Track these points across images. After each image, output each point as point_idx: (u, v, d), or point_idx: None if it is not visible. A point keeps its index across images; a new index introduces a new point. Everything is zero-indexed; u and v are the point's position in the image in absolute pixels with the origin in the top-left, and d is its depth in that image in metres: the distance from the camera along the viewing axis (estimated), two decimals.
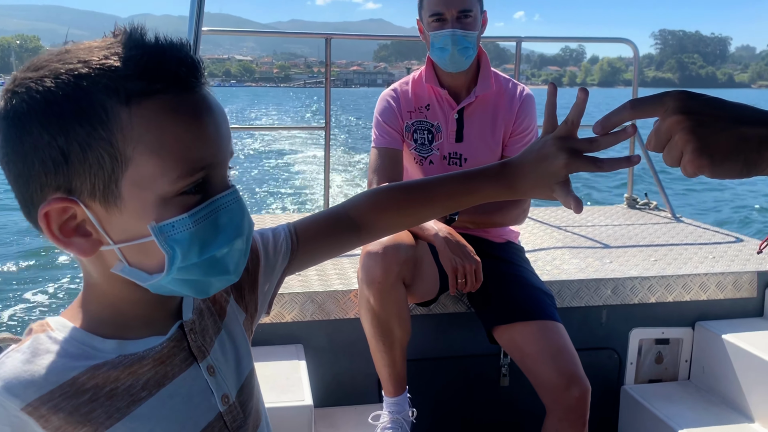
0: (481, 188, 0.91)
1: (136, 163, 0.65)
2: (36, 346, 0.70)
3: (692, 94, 0.75)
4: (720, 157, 0.73)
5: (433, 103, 2.20)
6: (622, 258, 2.70)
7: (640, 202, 3.82)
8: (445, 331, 2.34)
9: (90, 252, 0.69)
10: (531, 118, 2.20)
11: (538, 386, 1.86)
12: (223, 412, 0.79)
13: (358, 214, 0.95)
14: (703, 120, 0.73)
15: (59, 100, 0.64)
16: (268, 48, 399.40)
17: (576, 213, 0.85)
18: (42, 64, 0.67)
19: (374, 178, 2.16)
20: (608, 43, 4.54)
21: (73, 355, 0.70)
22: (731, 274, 2.52)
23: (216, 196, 0.70)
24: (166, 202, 0.67)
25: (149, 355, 0.73)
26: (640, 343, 2.51)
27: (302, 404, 1.87)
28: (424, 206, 0.95)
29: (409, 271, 1.96)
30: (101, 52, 0.66)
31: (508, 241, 2.26)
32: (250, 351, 0.88)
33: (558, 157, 0.83)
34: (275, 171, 15.41)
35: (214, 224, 0.69)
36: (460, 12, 2.07)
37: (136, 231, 0.68)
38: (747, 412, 2.26)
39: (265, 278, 0.91)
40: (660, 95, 0.76)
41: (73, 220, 0.68)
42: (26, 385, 0.67)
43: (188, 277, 0.70)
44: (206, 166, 0.68)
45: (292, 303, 2.22)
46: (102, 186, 0.66)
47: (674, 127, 0.74)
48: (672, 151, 0.75)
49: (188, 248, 0.68)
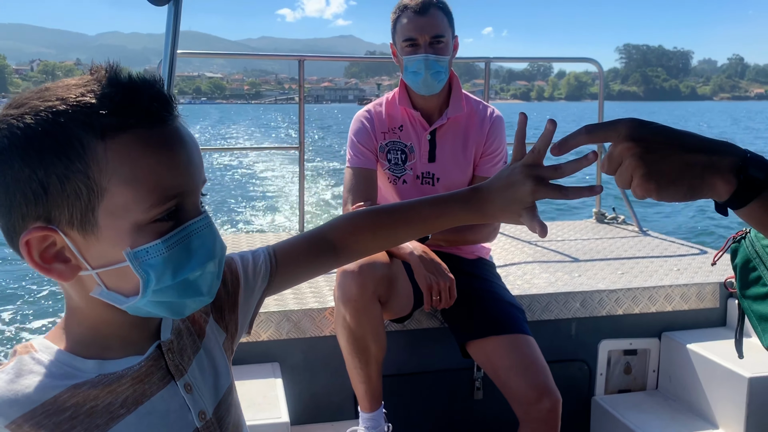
0: (452, 212, 0.96)
1: (111, 193, 0.70)
2: (20, 366, 0.73)
3: (643, 122, 0.80)
4: (665, 182, 0.78)
5: (406, 124, 2.26)
6: (591, 271, 2.77)
7: (608, 216, 3.92)
8: (420, 347, 2.38)
9: (69, 277, 0.73)
10: (501, 139, 2.27)
11: (510, 399, 1.91)
12: (200, 427, 0.82)
13: (336, 236, 0.99)
14: (651, 147, 0.78)
15: (38, 135, 0.68)
16: (238, 65, 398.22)
17: (541, 237, 0.90)
18: (23, 101, 0.71)
19: (349, 197, 2.20)
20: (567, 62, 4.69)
21: (55, 375, 0.73)
22: (695, 285, 2.60)
23: (188, 222, 0.74)
24: (140, 229, 0.71)
25: (128, 374, 0.77)
26: (609, 354, 2.58)
27: (279, 422, 1.89)
28: (398, 229, 1.00)
29: (384, 289, 2.00)
30: (78, 90, 0.70)
31: (480, 258, 2.32)
32: (229, 368, 0.92)
33: (525, 184, 0.88)
34: (249, 189, 15.35)
35: (186, 249, 0.73)
36: (433, 37, 2.14)
37: (112, 257, 0.72)
38: (712, 419, 2.33)
39: (245, 299, 0.95)
40: (613, 122, 0.81)
41: (52, 247, 0.72)
42: (10, 403, 0.70)
43: (163, 299, 0.74)
44: (178, 194, 0.73)
45: (267, 322, 2.24)
46: (79, 215, 0.70)
47: (625, 153, 0.79)
48: (623, 174, 0.80)
49: (162, 272, 0.72)
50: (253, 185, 15.98)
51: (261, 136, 37.03)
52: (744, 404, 2.19)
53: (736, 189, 0.78)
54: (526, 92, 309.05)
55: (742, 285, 1.75)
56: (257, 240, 3.46)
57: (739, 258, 1.72)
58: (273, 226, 10.92)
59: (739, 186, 0.78)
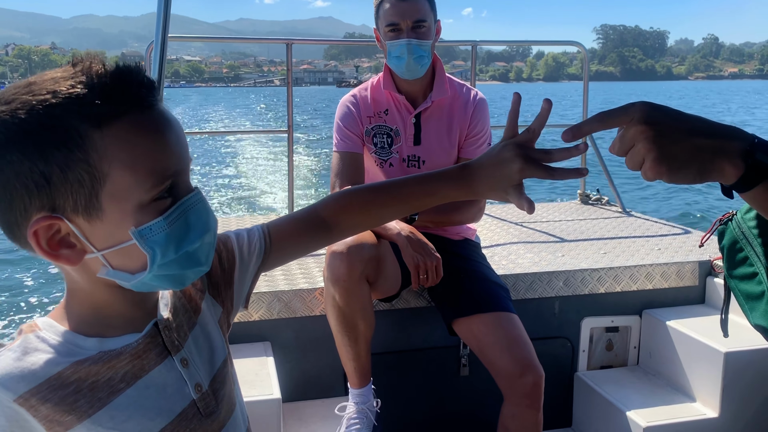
0: (442, 189, 0.99)
1: (112, 178, 0.74)
2: (26, 345, 0.78)
3: (655, 106, 0.83)
4: (677, 165, 0.81)
5: (391, 108, 2.30)
6: (574, 251, 2.84)
7: (593, 197, 3.99)
8: (407, 325, 2.44)
9: (76, 261, 0.77)
10: (484, 121, 2.32)
11: (495, 374, 1.98)
12: (197, 399, 0.87)
13: (328, 214, 1.03)
14: (664, 131, 0.81)
15: (36, 129, 0.71)
16: (216, 48, 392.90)
17: (528, 213, 0.93)
18: (11, 97, 0.73)
19: (336, 181, 2.25)
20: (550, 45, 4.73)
21: (59, 352, 0.78)
22: (675, 264, 2.67)
23: (183, 198, 0.79)
24: (142, 209, 0.76)
25: (126, 350, 0.82)
26: (591, 331, 2.65)
27: (271, 398, 1.95)
28: (388, 206, 1.04)
29: (372, 269, 2.06)
30: (67, 82, 0.73)
31: (466, 239, 2.37)
32: (224, 342, 0.96)
33: (514, 162, 0.90)
34: (237, 173, 15.32)
35: (185, 223, 0.78)
36: (415, 22, 2.18)
37: (117, 237, 0.76)
38: (690, 392, 2.42)
39: (240, 276, 1.00)
40: (626, 106, 0.83)
41: (58, 234, 0.75)
42: (17, 379, 0.75)
43: (167, 273, 0.79)
44: (173, 173, 0.78)
45: (259, 302, 2.29)
46: (83, 201, 0.74)
47: (637, 136, 0.81)
48: (634, 157, 0.82)
49: (166, 247, 0.77)
50: (241, 168, 15.94)
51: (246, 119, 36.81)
52: (720, 378, 2.26)
53: (743, 173, 0.81)
54: (505, 73, 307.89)
55: (729, 266, 1.81)
56: (247, 222, 3.51)
57: (726, 239, 1.78)
58: (262, 208, 10.94)
59: (747, 170, 0.81)
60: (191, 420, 0.86)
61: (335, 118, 2.33)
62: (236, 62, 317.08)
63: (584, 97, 4.08)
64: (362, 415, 2.10)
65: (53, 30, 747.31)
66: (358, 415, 2.10)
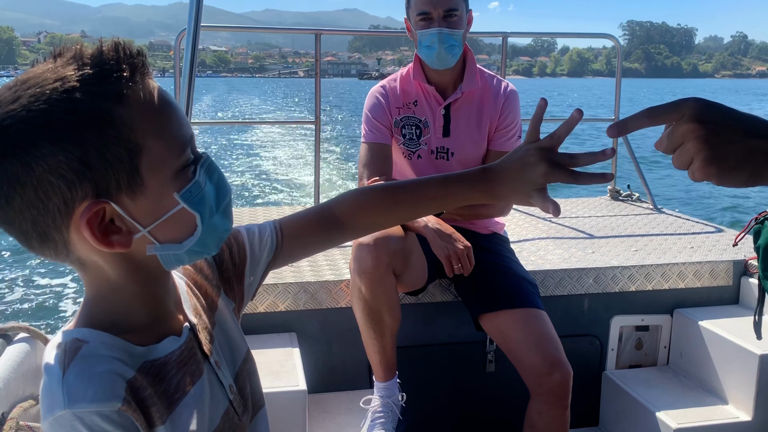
0: (461, 192, 0.96)
1: (148, 148, 0.73)
2: (88, 359, 0.73)
3: (709, 103, 0.78)
4: (728, 167, 0.76)
5: (420, 99, 2.27)
6: (605, 248, 2.79)
7: (623, 194, 3.92)
8: (434, 319, 2.42)
9: (127, 244, 0.74)
10: (515, 114, 2.28)
11: (522, 371, 1.95)
12: (231, 400, 0.86)
13: (343, 212, 1.00)
14: (717, 130, 0.76)
15: (60, 116, 0.68)
16: (242, 38, 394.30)
17: (554, 216, 0.90)
18: (13, 96, 0.70)
19: (365, 172, 2.23)
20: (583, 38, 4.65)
21: (122, 361, 0.74)
22: (708, 263, 2.61)
23: (202, 160, 0.79)
24: (176, 176, 0.75)
25: (170, 359, 0.80)
26: (621, 330, 2.61)
27: (297, 389, 1.95)
28: (406, 208, 1.01)
29: (398, 262, 2.04)
30: (68, 68, 0.71)
31: (494, 233, 2.34)
32: (242, 337, 0.95)
33: (538, 166, 0.88)
34: (267, 165, 15.41)
35: (212, 182, 0.79)
36: (446, 11, 2.14)
37: (161, 208, 0.75)
38: (722, 394, 2.36)
39: (250, 271, 0.98)
40: (676, 103, 0.79)
41: (103, 221, 0.73)
42: (110, 390, 0.71)
43: (211, 232, 0.79)
44: (190, 137, 0.78)
45: (285, 293, 2.29)
46: (126, 178, 0.72)
47: (688, 135, 0.76)
48: (683, 156, 0.78)
49: (208, 205, 0.78)
50: (268, 160, 16.03)
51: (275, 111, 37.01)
52: (755, 381, 2.21)
53: None
54: (528, 68, 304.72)
55: (766, 266, 1.74)
56: (273, 213, 3.51)
57: (763, 239, 1.71)
58: (289, 199, 10.98)
59: None
60: (231, 421, 0.85)
61: (364, 109, 2.31)
62: (261, 53, 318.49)
63: (616, 91, 4.00)
64: (387, 408, 2.09)
65: (83, 18, 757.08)
66: (383, 408, 2.09)
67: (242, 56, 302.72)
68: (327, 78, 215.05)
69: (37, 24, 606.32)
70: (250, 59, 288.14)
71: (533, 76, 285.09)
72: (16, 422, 1.43)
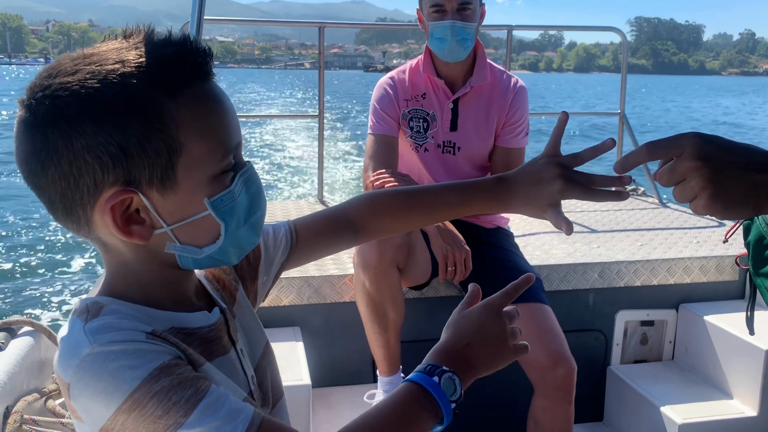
0: (475, 201, 0.97)
1: (189, 148, 0.72)
2: (108, 313, 0.72)
3: (708, 138, 0.79)
4: (732, 203, 0.77)
5: (429, 92, 2.26)
6: (610, 243, 2.78)
7: (628, 188, 3.90)
8: (438, 314, 2.42)
9: (147, 237, 0.73)
10: (523, 110, 2.27)
11: (526, 366, 1.94)
12: (252, 390, 0.86)
13: (357, 216, 1.00)
14: (720, 167, 0.76)
15: (110, 98, 0.68)
16: (249, 29, 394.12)
17: (566, 234, 0.91)
18: (73, 68, 0.70)
19: (370, 163, 2.22)
20: (589, 31, 4.63)
21: (140, 319, 0.73)
22: (714, 258, 2.60)
23: (243, 169, 0.78)
24: (212, 181, 0.74)
25: (198, 332, 0.79)
26: (626, 324, 2.60)
27: (301, 383, 1.94)
28: (420, 214, 1.02)
29: (402, 257, 2.03)
30: (131, 53, 0.71)
31: (498, 227, 2.33)
32: (261, 329, 0.95)
33: (555, 182, 0.89)
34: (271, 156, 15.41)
35: (248, 193, 0.77)
36: (460, 4, 2.13)
37: (189, 210, 0.74)
38: (727, 390, 2.35)
39: (264, 271, 0.98)
40: (676, 137, 0.80)
41: (128, 210, 0.72)
42: (129, 333, 0.69)
43: (233, 244, 0.78)
44: (236, 145, 0.77)
45: (289, 287, 2.29)
46: (159, 173, 0.71)
47: (691, 173, 0.77)
48: (686, 192, 0.78)
49: (236, 216, 0.76)
50: (273, 152, 16.02)
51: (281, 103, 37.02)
52: (760, 376, 2.20)
53: None
54: (535, 63, 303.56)
55: (756, 263, 1.74)
56: (278, 208, 3.51)
57: (752, 235, 1.71)
58: (293, 192, 10.97)
59: None
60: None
61: (372, 100, 2.30)
62: (268, 44, 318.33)
63: (622, 85, 3.98)
64: None
65: (90, 7, 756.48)
66: None
67: (249, 47, 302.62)
68: (333, 70, 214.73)
69: (43, 12, 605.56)
70: (257, 50, 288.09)
71: (539, 71, 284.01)
72: (21, 416, 1.43)
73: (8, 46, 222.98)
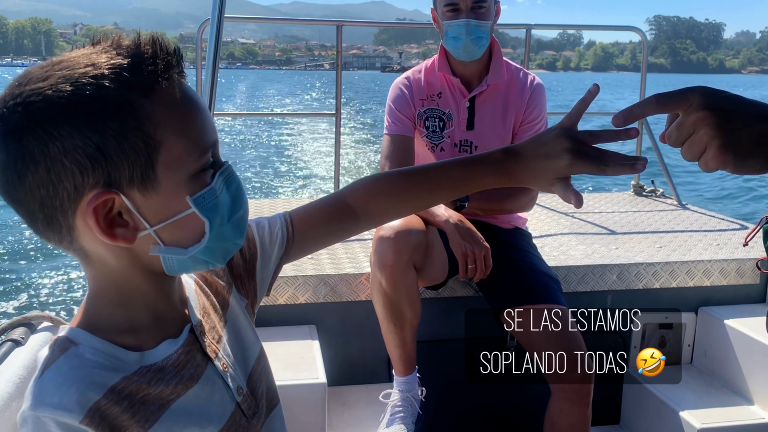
0: (481, 175, 0.91)
1: (167, 146, 0.72)
2: (69, 362, 0.73)
3: (716, 91, 0.76)
4: (743, 154, 0.74)
5: (445, 91, 2.25)
6: (628, 244, 2.75)
7: (647, 189, 3.86)
8: (454, 314, 2.40)
9: (132, 239, 0.73)
10: (541, 108, 2.25)
11: (543, 367, 1.92)
12: (240, 402, 0.84)
13: (356, 200, 0.96)
14: (729, 116, 0.74)
15: (85, 100, 0.67)
16: (269, 31, 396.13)
17: (576, 207, 0.86)
18: (44, 74, 0.69)
19: (386, 164, 2.21)
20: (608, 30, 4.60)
21: (106, 367, 0.74)
22: (734, 261, 2.57)
23: (222, 167, 0.78)
24: (192, 179, 0.74)
25: (167, 363, 0.78)
26: (644, 327, 2.57)
27: (316, 382, 1.94)
28: (423, 192, 0.95)
29: (419, 256, 2.02)
30: (102, 56, 0.71)
31: (516, 228, 2.31)
32: (256, 335, 0.93)
33: (562, 157, 0.84)
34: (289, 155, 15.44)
35: (229, 191, 0.77)
36: (475, 2, 2.12)
37: (171, 209, 0.74)
38: (747, 394, 2.32)
39: (262, 266, 0.96)
40: (684, 90, 0.77)
41: (110, 212, 0.71)
42: (75, 401, 0.70)
43: (217, 244, 0.77)
44: (213, 143, 0.77)
45: (305, 285, 2.29)
46: (140, 172, 0.71)
47: (699, 123, 0.75)
48: (694, 146, 0.76)
49: (219, 214, 0.76)
50: (291, 151, 16.07)
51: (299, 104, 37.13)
52: None
53: None
54: (552, 62, 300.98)
55: None
56: (294, 206, 3.51)
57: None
58: (311, 190, 10.99)
59: None
60: (239, 423, 0.84)
61: (387, 100, 2.29)
62: (288, 46, 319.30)
63: (642, 84, 3.95)
64: (407, 403, 2.08)
65: (115, 10, 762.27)
66: (402, 402, 2.08)
67: (269, 49, 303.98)
68: (351, 71, 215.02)
69: (69, 16, 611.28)
70: (278, 51, 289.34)
71: (557, 70, 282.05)
72: None
73: (43, 49, 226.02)
